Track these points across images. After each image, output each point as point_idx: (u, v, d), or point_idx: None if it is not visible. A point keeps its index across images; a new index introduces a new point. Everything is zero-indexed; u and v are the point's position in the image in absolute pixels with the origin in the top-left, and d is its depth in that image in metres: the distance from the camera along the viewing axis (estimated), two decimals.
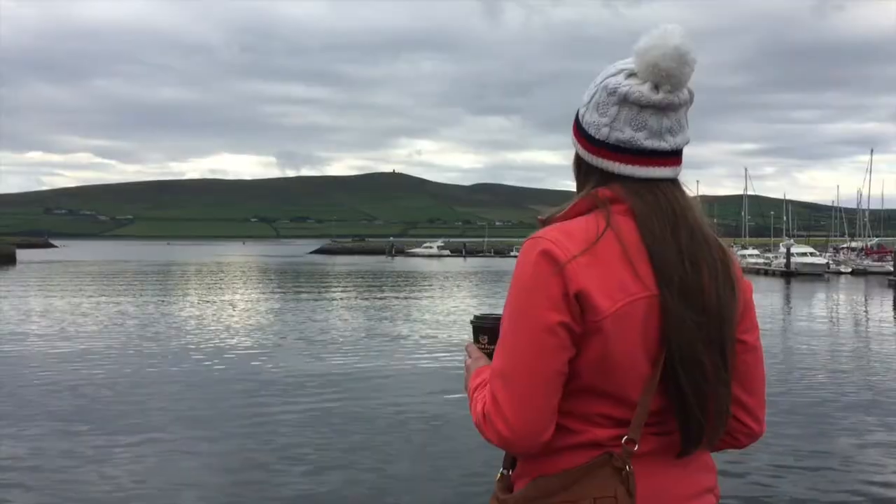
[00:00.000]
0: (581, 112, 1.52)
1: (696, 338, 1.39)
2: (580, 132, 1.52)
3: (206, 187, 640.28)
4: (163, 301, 27.70)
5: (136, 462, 7.66)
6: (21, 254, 79.60)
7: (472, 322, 1.72)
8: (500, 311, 1.52)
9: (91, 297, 29.45)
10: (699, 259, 1.41)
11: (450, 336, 17.83)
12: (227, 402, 10.43)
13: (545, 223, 1.49)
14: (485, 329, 1.65)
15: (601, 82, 1.48)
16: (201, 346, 15.74)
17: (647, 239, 1.40)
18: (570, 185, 1.61)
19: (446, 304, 27.60)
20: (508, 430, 1.37)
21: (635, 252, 1.39)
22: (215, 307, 25.38)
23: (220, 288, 36.37)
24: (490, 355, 1.55)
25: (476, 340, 1.67)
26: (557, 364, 1.37)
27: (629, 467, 1.39)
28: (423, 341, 16.89)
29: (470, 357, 1.65)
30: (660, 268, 1.39)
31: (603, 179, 1.49)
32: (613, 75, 1.46)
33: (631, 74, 1.44)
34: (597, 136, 1.48)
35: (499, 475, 1.55)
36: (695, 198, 1.50)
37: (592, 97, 1.49)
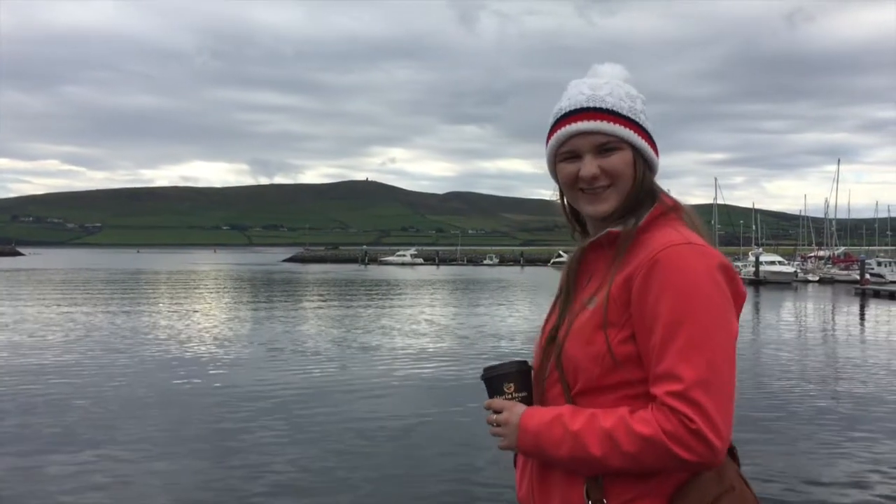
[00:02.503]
0: (644, 121, 1.54)
1: None
2: (651, 139, 1.56)
3: (177, 195, 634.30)
4: (131, 312, 27.27)
5: (97, 487, 7.49)
6: None
7: (487, 376, 1.59)
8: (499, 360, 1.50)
9: (58, 307, 28.92)
10: None
11: (424, 346, 17.75)
12: (195, 417, 10.26)
13: (621, 236, 1.48)
14: (509, 376, 1.55)
15: (637, 94, 1.56)
16: (169, 359, 15.50)
17: (707, 238, 1.50)
18: (545, 193, 1.61)
19: (421, 313, 27.48)
20: (720, 439, 1.31)
21: None
22: (185, 318, 25.02)
23: (190, 298, 35.93)
24: (523, 401, 1.52)
25: (499, 392, 1.55)
26: None
27: None
28: (398, 352, 16.78)
29: (505, 411, 1.52)
30: None
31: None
32: (635, 90, 1.57)
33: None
34: (655, 140, 1.57)
35: None
36: None
37: (643, 108, 1.56)
